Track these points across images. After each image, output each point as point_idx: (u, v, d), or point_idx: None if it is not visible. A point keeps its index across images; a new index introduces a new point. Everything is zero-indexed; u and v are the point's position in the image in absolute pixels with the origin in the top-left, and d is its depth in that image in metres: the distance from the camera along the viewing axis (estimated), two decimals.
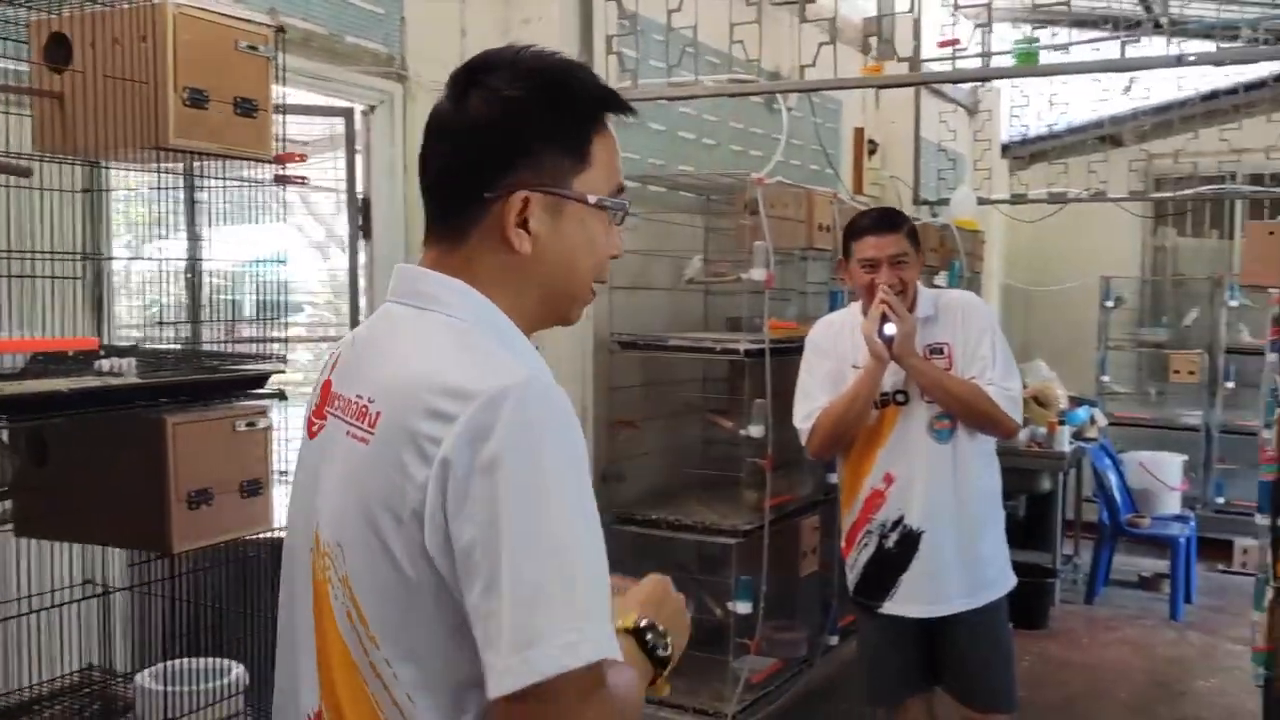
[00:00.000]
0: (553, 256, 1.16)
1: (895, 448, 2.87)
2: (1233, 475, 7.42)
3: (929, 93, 6.32)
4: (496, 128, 1.14)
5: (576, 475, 1.03)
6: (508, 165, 1.13)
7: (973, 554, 2.88)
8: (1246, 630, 5.90)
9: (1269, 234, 3.26)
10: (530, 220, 1.13)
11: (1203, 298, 7.56)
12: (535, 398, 1.02)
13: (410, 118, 3.12)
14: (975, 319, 2.89)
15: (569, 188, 1.16)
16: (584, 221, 1.18)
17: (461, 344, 1.10)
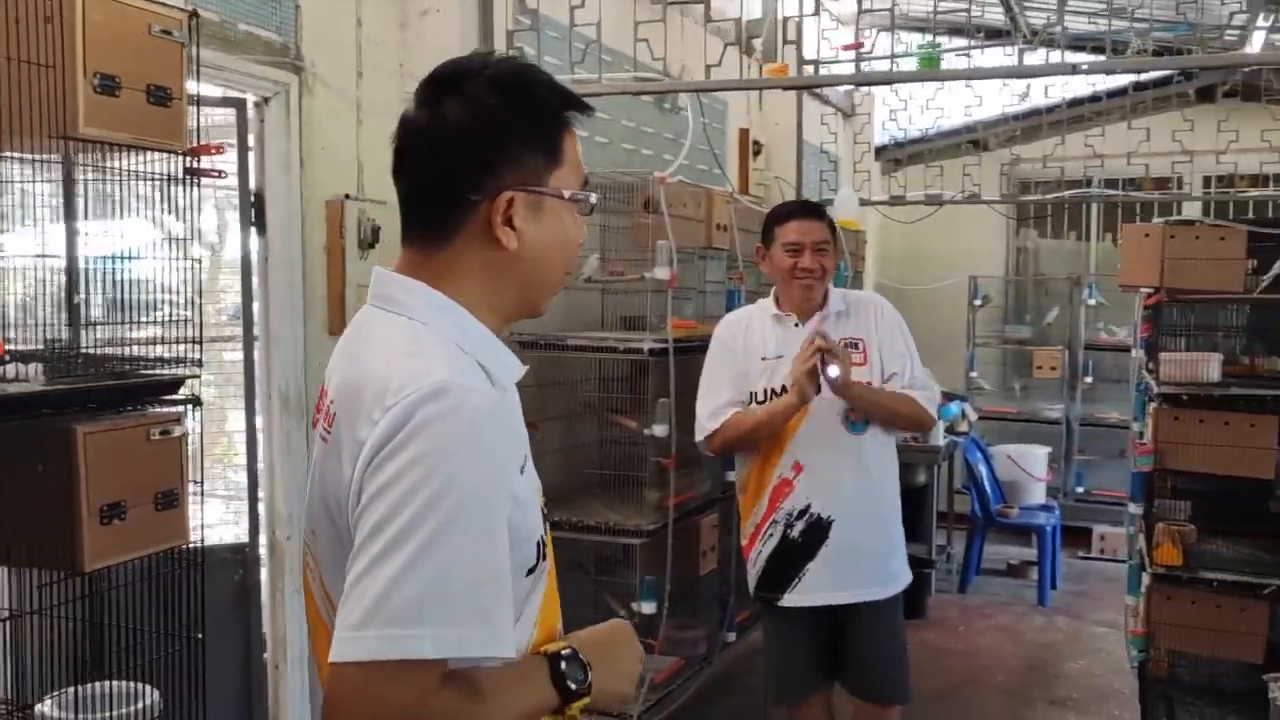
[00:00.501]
0: (535, 250, 1.23)
1: (807, 437, 2.89)
2: (1091, 466, 7.81)
3: (809, 96, 6.44)
4: (478, 133, 1.19)
5: (475, 484, 1.08)
6: (490, 168, 1.19)
7: (882, 545, 2.95)
8: (1109, 613, 6.23)
9: (1144, 236, 3.42)
10: (515, 218, 1.20)
11: (1062, 297, 7.91)
12: (448, 406, 1.08)
13: (307, 110, 3.01)
14: (887, 316, 2.98)
15: (546, 185, 1.23)
16: (559, 215, 1.25)
17: (410, 348, 1.16)
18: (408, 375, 1.10)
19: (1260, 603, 3.32)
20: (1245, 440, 3.28)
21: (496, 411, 1.15)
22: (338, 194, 3.09)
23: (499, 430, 1.14)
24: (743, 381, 2.95)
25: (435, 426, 1.07)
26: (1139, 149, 5.23)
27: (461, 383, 1.11)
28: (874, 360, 2.94)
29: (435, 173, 1.20)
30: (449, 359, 1.15)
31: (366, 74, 3.22)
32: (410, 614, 1.03)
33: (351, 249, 3.08)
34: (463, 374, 1.14)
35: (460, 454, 1.08)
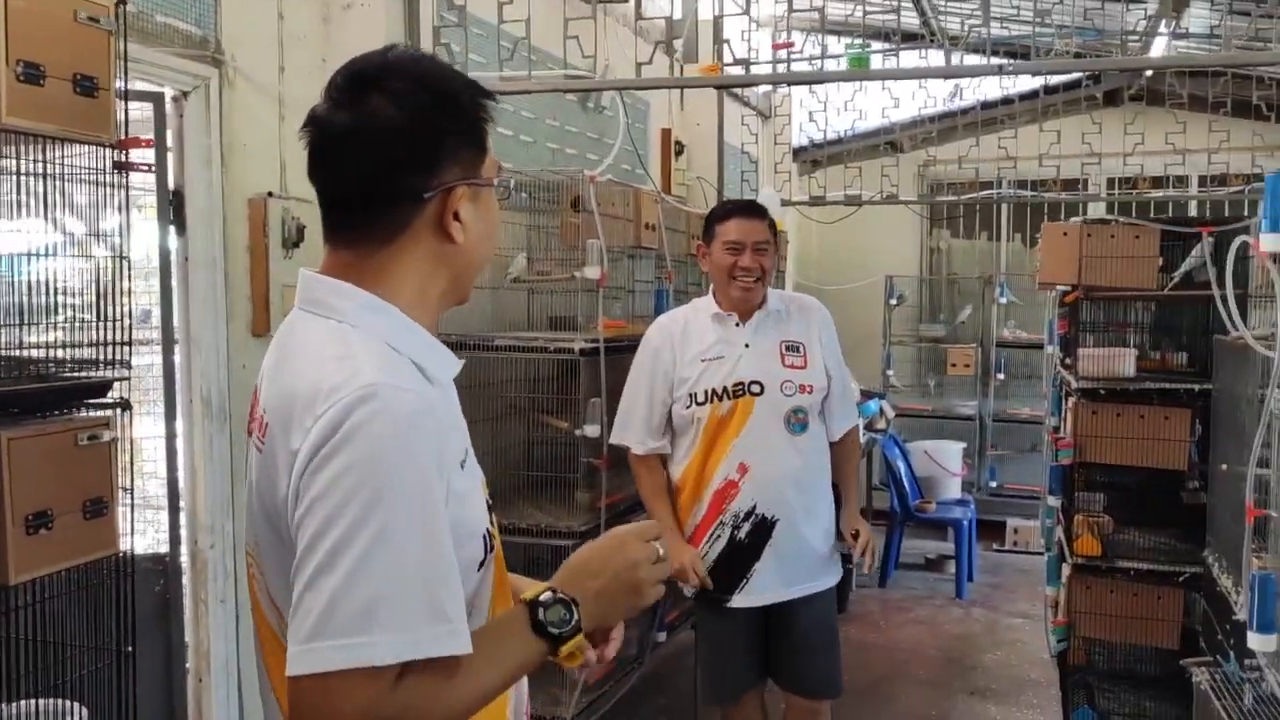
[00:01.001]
0: (476, 240, 1.24)
1: (750, 437, 2.89)
2: (1004, 461, 8.00)
3: (730, 97, 6.47)
4: (420, 132, 1.18)
5: (411, 485, 1.07)
6: (435, 165, 1.19)
7: (822, 541, 3.00)
8: (1024, 604, 6.40)
9: (1063, 235, 3.50)
10: (461, 211, 1.21)
11: (975, 296, 8.10)
12: (378, 408, 1.07)
13: (228, 105, 2.92)
14: (827, 322, 3.05)
15: (479, 176, 1.24)
16: (489, 203, 1.27)
17: (339, 352, 1.14)
18: (337, 380, 1.09)
19: (1175, 589, 3.42)
20: (1160, 433, 3.39)
21: (429, 409, 1.13)
22: (260, 192, 3.00)
23: (433, 428, 1.12)
24: (669, 391, 2.96)
25: (366, 430, 1.06)
26: (1050, 150, 5.37)
27: (391, 383, 1.10)
28: (815, 363, 2.97)
29: (374, 171, 1.18)
30: (380, 360, 1.13)
31: (289, 69, 3.14)
32: (359, 622, 1.02)
33: (275, 248, 3.00)
34: (393, 374, 1.12)
35: (393, 456, 1.07)
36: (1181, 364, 4.03)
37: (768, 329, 2.96)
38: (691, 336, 2.96)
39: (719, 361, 2.91)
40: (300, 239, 3.04)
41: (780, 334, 2.96)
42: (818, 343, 2.99)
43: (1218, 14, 5.16)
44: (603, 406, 3.38)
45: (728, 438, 2.90)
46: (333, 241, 1.23)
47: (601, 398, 3.39)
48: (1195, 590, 3.42)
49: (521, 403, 3.73)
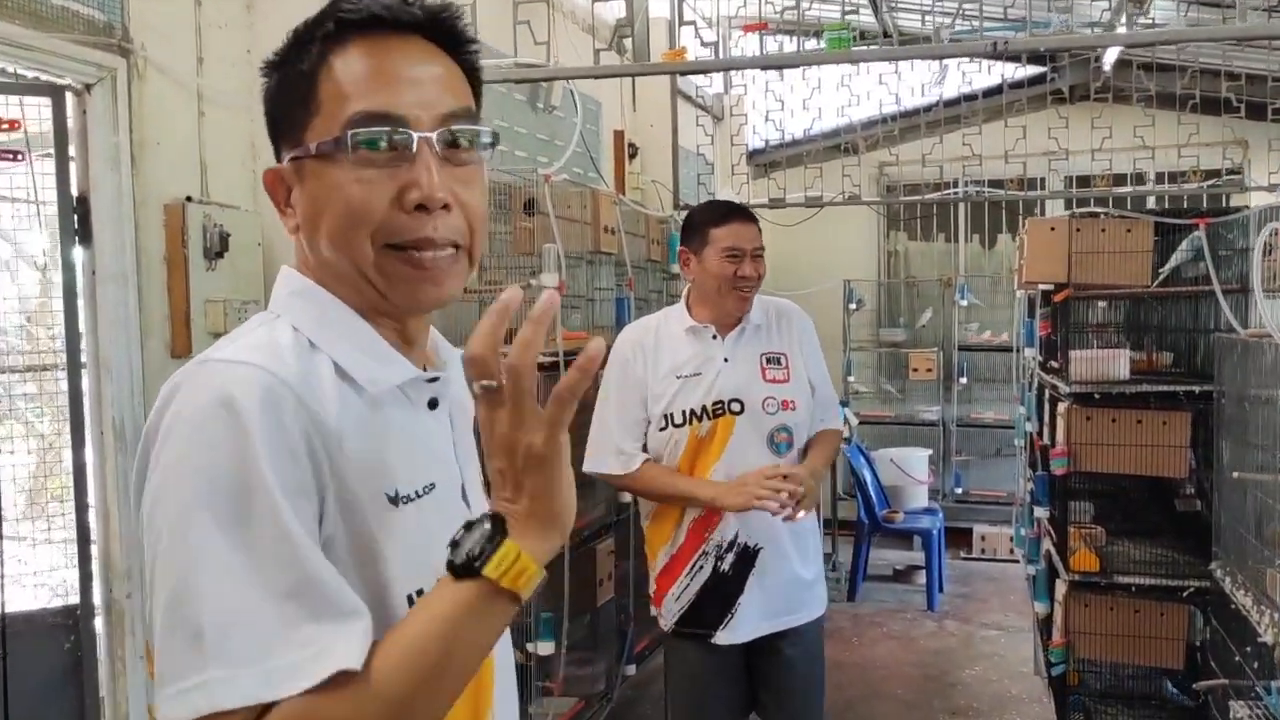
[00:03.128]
0: (306, 226, 1.00)
1: (731, 461, 2.63)
2: (969, 466, 7.84)
3: (682, 98, 6.25)
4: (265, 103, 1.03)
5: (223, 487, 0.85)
6: (277, 148, 1.03)
7: (808, 569, 2.75)
8: (997, 615, 6.22)
9: (1050, 230, 3.30)
10: (291, 195, 1.01)
11: (934, 299, 7.94)
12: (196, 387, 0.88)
13: (138, 99, 2.60)
14: (809, 331, 2.81)
15: (303, 145, 0.98)
16: (320, 176, 0.97)
17: (222, 343, 0.95)
18: (190, 367, 0.91)
19: (1179, 606, 3.22)
20: (1158, 439, 3.19)
21: (285, 392, 0.89)
22: (178, 196, 2.68)
23: (293, 415, 0.88)
24: (644, 407, 2.69)
25: (181, 419, 0.87)
26: (1016, 148, 5.20)
27: (230, 358, 0.89)
28: (797, 375, 2.73)
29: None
30: (258, 345, 0.93)
31: (208, 60, 2.83)
32: (193, 663, 0.82)
33: (196, 259, 2.68)
34: (255, 354, 0.91)
35: (210, 440, 0.85)
36: (1168, 363, 3.85)
37: (748, 341, 2.71)
38: (664, 350, 2.70)
39: (696, 379, 2.66)
40: (224, 248, 2.72)
41: (760, 345, 2.71)
42: (799, 353, 2.75)
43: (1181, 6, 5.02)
44: None
45: (708, 461, 2.64)
46: None
47: None
48: (1200, 606, 3.22)
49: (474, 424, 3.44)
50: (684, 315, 2.73)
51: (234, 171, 2.89)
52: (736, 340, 2.70)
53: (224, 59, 2.87)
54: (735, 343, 2.70)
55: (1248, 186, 4.96)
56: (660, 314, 2.84)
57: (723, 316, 2.69)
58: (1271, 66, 4.81)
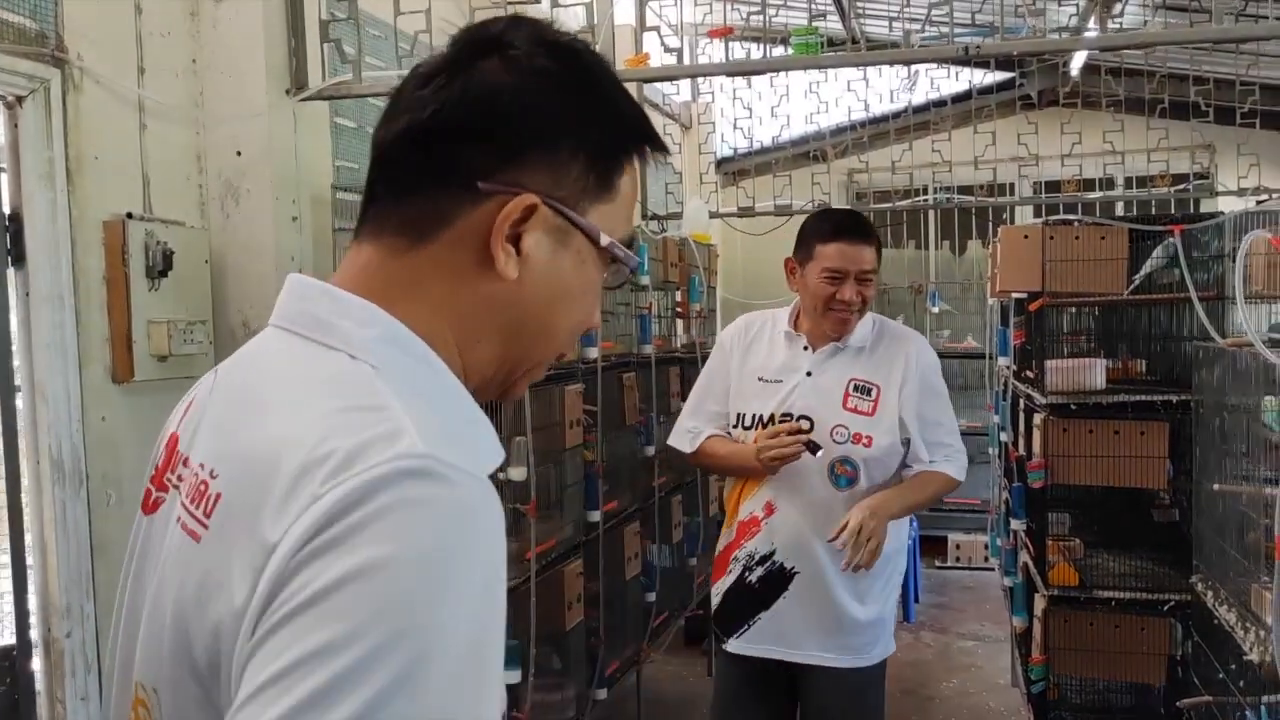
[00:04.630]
0: (537, 295, 0.84)
1: (785, 478, 2.53)
2: None
3: (649, 106, 6.17)
4: (518, 98, 0.82)
5: (471, 621, 0.67)
6: (517, 152, 0.82)
7: (863, 609, 2.55)
8: (973, 625, 6.17)
9: (1023, 238, 3.23)
10: (526, 238, 0.82)
11: (905, 305, 7.89)
12: (431, 493, 0.68)
13: (73, 111, 2.47)
14: (925, 368, 2.56)
15: (585, 216, 0.85)
16: (585, 264, 0.86)
17: (354, 401, 0.74)
18: (358, 440, 0.69)
19: (1160, 620, 3.15)
20: (1136, 449, 3.12)
21: (500, 516, 0.73)
22: (117, 213, 2.56)
23: (502, 544, 0.73)
24: (726, 399, 2.66)
25: (408, 519, 0.66)
26: (985, 154, 5.15)
27: (452, 461, 0.70)
28: (885, 410, 2.51)
29: (437, 128, 0.81)
30: (429, 423, 0.73)
31: (150, 70, 2.71)
32: None
33: (138, 279, 2.55)
34: (455, 449, 0.72)
35: (448, 571, 0.66)
36: (1141, 371, 3.80)
37: (841, 361, 2.57)
38: (758, 348, 2.65)
39: (775, 386, 2.58)
40: (168, 267, 2.60)
41: (852, 369, 2.55)
42: (897, 387, 2.52)
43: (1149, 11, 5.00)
44: (528, 446, 3.00)
45: (762, 474, 2.55)
46: (359, 228, 0.86)
47: (527, 436, 3.00)
48: (1181, 620, 3.16)
49: None
50: (786, 318, 2.65)
51: (178, 186, 2.77)
52: (828, 357, 2.58)
53: (167, 69, 2.75)
54: (825, 359, 2.58)
55: (1217, 191, 4.92)
56: (772, 311, 2.75)
57: (819, 332, 2.58)
58: (1239, 70, 4.79)
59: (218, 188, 2.82)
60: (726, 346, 2.71)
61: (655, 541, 4.39)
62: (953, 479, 2.54)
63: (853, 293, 2.48)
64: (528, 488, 3.01)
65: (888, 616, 2.62)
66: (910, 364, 2.53)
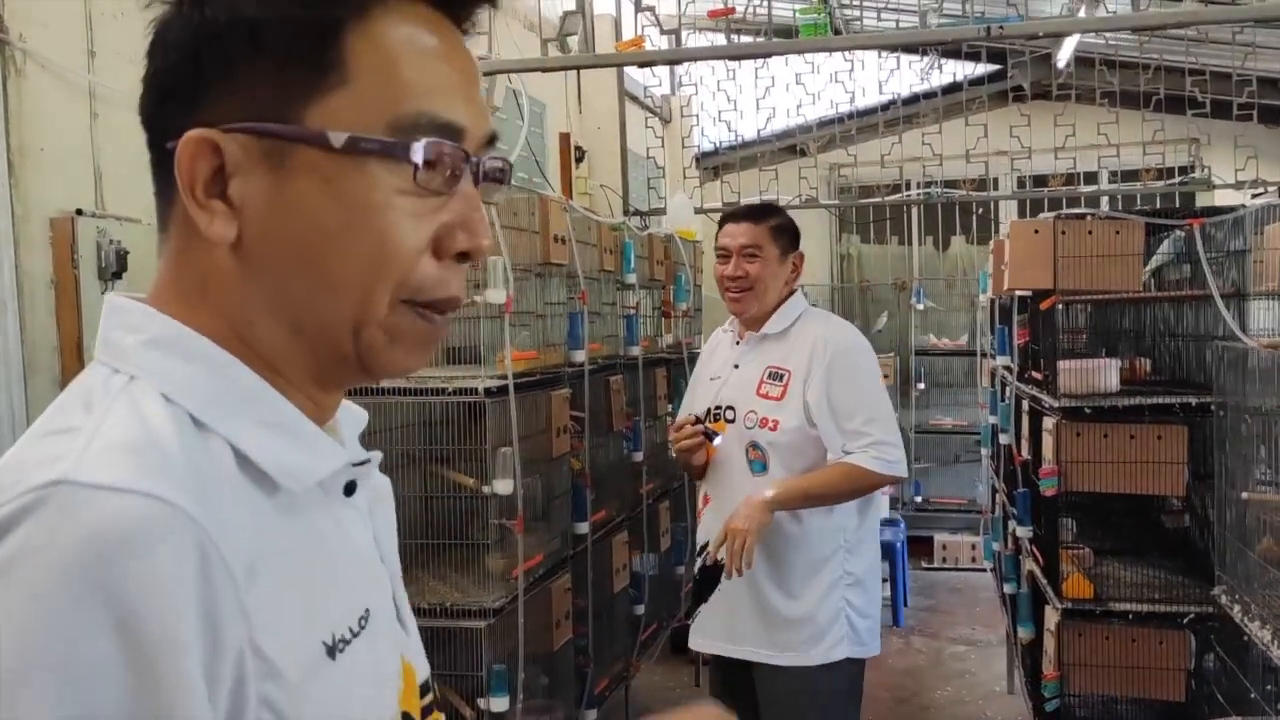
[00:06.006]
0: (280, 245, 0.67)
1: (716, 468, 2.63)
2: (928, 473, 7.67)
3: (630, 100, 5.99)
4: (175, 30, 0.67)
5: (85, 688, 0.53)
6: (198, 93, 0.66)
7: (791, 605, 2.51)
8: (963, 629, 6.04)
9: (1034, 233, 3.07)
10: (231, 184, 0.66)
11: (889, 302, 7.76)
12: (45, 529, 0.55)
13: (15, 98, 2.26)
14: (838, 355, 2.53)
15: (299, 120, 0.66)
16: (335, 180, 0.66)
17: (56, 424, 0.63)
18: (8, 475, 0.58)
19: (1179, 633, 3.01)
20: (1153, 455, 2.97)
21: (180, 542, 0.57)
22: (66, 209, 2.35)
23: (196, 568, 0.57)
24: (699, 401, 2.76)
25: (21, 577, 0.54)
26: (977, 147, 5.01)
27: (96, 481, 0.56)
28: (792, 395, 2.53)
29: (142, 111, 0.70)
30: (130, 434, 0.61)
31: (102, 54, 2.49)
32: None
33: (89, 280, 2.34)
34: (130, 464, 0.58)
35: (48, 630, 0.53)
36: (1147, 371, 3.66)
37: (761, 350, 2.64)
38: (714, 351, 2.79)
39: (716, 382, 2.70)
40: (123, 267, 2.39)
41: (770, 357, 2.60)
42: (806, 374, 2.53)
43: None
44: (515, 457, 2.81)
45: (706, 464, 2.66)
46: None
47: (514, 446, 2.81)
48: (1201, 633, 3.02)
49: (416, 454, 3.13)
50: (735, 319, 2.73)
51: (134, 180, 2.55)
52: (751, 348, 2.66)
53: (120, 53, 2.53)
54: (749, 350, 2.66)
55: (1214, 184, 4.80)
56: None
57: (740, 320, 2.67)
58: (1235, 63, 4.66)
59: None
60: (701, 355, 2.88)
61: (643, 551, 4.21)
62: (870, 472, 2.45)
63: (735, 267, 2.57)
64: (514, 502, 2.82)
65: (830, 616, 2.52)
66: (819, 349, 2.54)
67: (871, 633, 2.59)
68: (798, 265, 2.67)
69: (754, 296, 2.58)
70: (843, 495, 2.50)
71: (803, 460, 2.53)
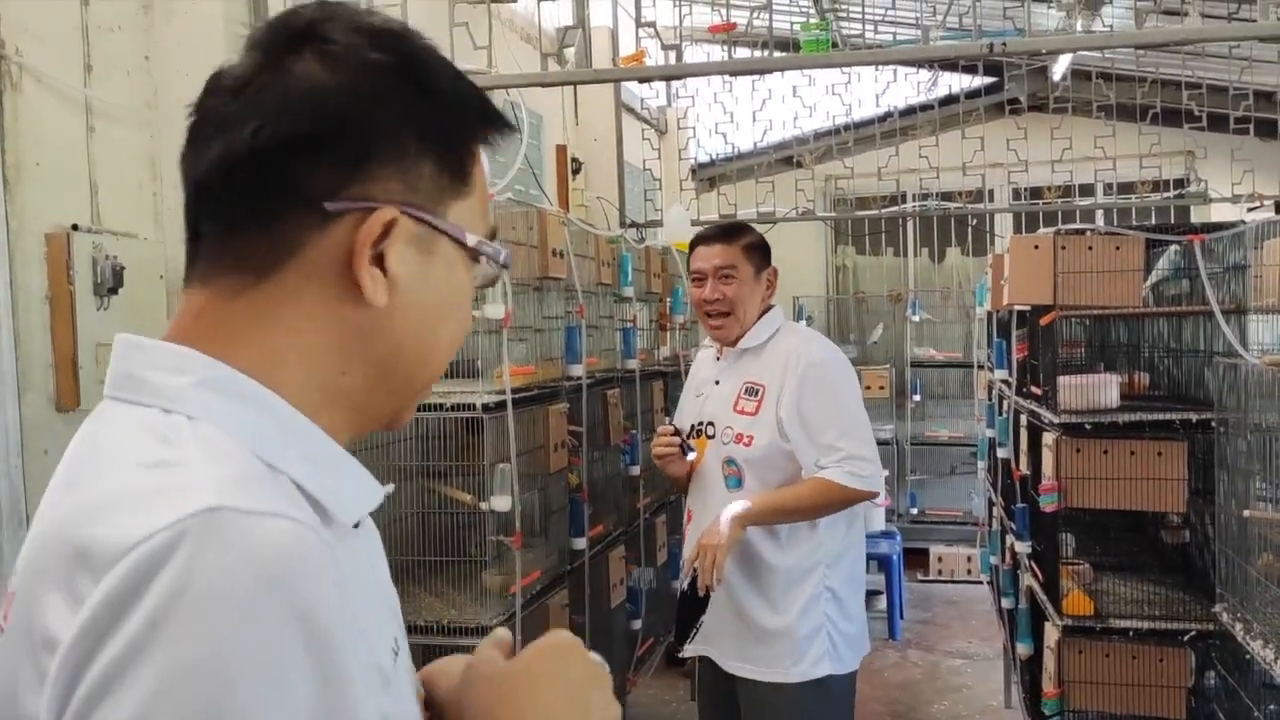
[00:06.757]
0: (412, 316, 0.75)
1: (697, 483, 2.65)
2: (923, 485, 7.66)
3: (626, 112, 5.98)
4: (353, 98, 0.71)
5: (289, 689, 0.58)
6: (363, 161, 0.71)
7: (759, 623, 2.52)
8: (960, 642, 6.02)
9: (1034, 248, 3.07)
10: (390, 256, 0.72)
11: (884, 314, 7.76)
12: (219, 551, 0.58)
13: (11, 112, 2.24)
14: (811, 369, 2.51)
15: (444, 216, 0.76)
16: (454, 269, 0.78)
17: (153, 456, 0.65)
18: (140, 506, 0.60)
19: (1179, 651, 2.99)
20: (1153, 471, 2.96)
21: (325, 556, 0.62)
22: (61, 224, 2.33)
23: (335, 578, 0.62)
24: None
25: (195, 596, 0.56)
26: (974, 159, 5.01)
27: (246, 506, 0.60)
28: (766, 410, 2.54)
29: (260, 143, 0.69)
30: (228, 468, 0.64)
31: (98, 68, 2.48)
32: None
33: (85, 296, 2.32)
34: (250, 493, 0.62)
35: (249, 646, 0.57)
36: (1145, 386, 3.65)
37: (739, 366, 2.65)
38: (701, 366, 2.80)
39: (700, 398, 2.71)
40: (119, 283, 2.37)
41: (747, 372, 2.61)
42: (779, 389, 2.53)
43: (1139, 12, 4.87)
44: (513, 473, 2.79)
45: (690, 479, 2.68)
46: (189, 274, 0.75)
47: (512, 462, 2.79)
48: (1202, 651, 3.00)
49: (413, 470, 3.11)
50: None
51: (130, 195, 2.53)
52: (731, 363, 2.67)
53: (117, 66, 2.52)
54: (729, 365, 2.67)
55: (1210, 198, 4.81)
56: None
57: (719, 340, 2.69)
58: (1232, 77, 4.67)
59: (174, 196, 2.59)
60: (690, 371, 2.89)
61: (640, 565, 4.19)
62: (842, 487, 2.43)
63: (712, 290, 2.57)
64: (511, 518, 2.80)
65: (810, 631, 2.50)
66: (791, 362, 2.53)
67: (854, 647, 2.58)
68: (771, 281, 2.67)
69: (734, 320, 2.59)
70: (814, 511, 2.48)
71: (778, 475, 2.53)
